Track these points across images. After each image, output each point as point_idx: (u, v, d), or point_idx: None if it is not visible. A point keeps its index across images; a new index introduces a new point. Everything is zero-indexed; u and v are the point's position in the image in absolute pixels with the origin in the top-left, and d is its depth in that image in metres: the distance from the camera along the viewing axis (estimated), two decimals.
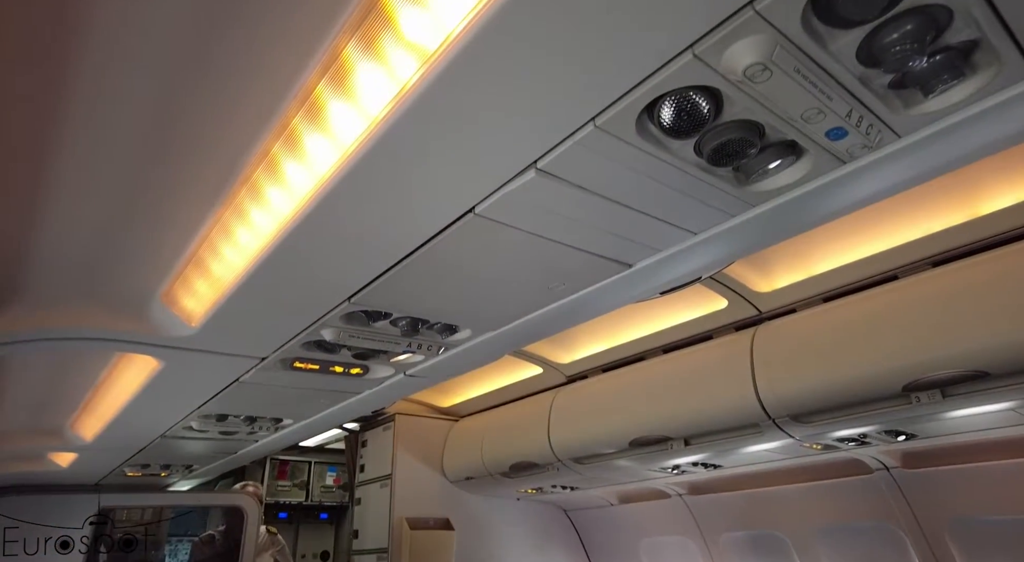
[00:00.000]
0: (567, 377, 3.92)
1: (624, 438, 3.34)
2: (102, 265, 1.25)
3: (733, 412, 2.89)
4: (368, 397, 2.03)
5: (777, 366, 2.74)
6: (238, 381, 1.77)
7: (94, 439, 2.33)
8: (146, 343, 1.44)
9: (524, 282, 1.27)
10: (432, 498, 4.34)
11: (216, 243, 1.17)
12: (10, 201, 1.04)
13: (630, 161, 0.87)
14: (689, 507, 4.22)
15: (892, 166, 0.91)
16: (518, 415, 4.10)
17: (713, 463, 3.54)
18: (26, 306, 1.28)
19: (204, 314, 1.34)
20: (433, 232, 1.06)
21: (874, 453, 3.18)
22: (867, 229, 2.56)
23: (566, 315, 1.44)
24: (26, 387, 1.94)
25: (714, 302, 3.09)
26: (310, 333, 1.45)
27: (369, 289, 1.26)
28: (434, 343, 1.59)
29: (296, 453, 5.66)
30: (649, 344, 3.45)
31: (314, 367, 1.72)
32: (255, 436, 2.47)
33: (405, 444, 4.38)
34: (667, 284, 1.33)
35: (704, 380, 3.04)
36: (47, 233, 1.13)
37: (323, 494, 5.79)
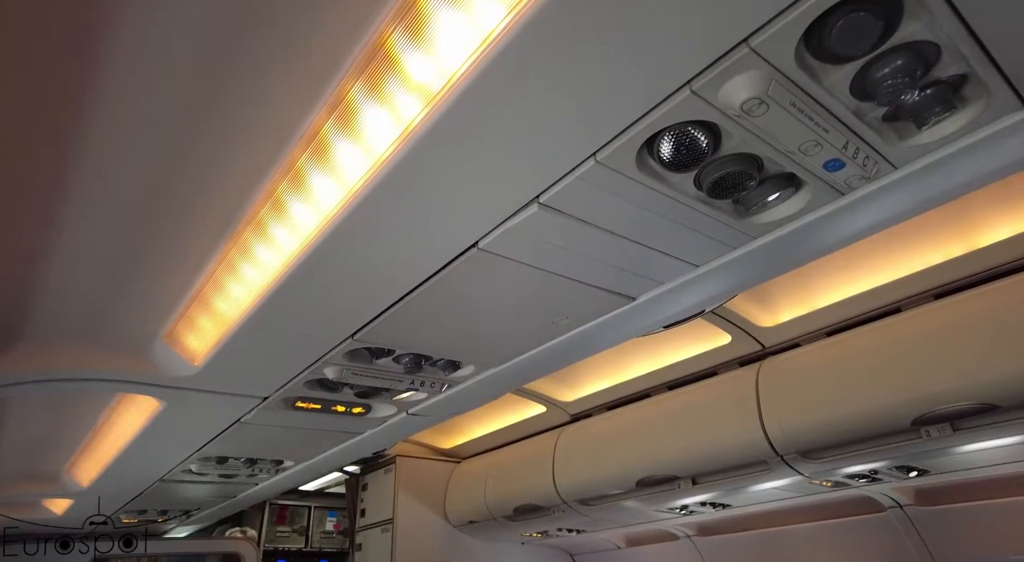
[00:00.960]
0: (571, 416, 3.87)
1: (630, 478, 3.27)
2: (104, 305, 1.25)
3: (740, 449, 2.84)
4: (370, 437, 2.00)
5: (783, 401, 2.70)
6: (240, 421, 1.75)
7: (91, 484, 2.28)
8: (148, 383, 1.43)
9: (527, 316, 1.27)
10: (434, 543, 4.23)
11: (221, 282, 1.18)
12: (14, 241, 1.05)
13: (631, 195, 0.89)
14: (698, 548, 4.10)
15: (890, 197, 0.92)
16: (522, 456, 4.03)
17: (722, 502, 3.46)
18: (28, 346, 1.27)
19: (207, 353, 1.33)
20: (437, 267, 1.06)
21: (886, 490, 3.11)
22: (868, 262, 2.57)
23: (570, 350, 1.44)
24: (23, 431, 1.91)
25: (717, 337, 3.08)
26: (313, 371, 1.44)
27: (373, 326, 1.26)
28: (437, 380, 1.58)
29: (295, 498, 5.53)
30: (653, 381, 3.41)
31: (316, 406, 1.70)
32: (255, 479, 2.43)
33: (407, 487, 4.29)
34: (670, 317, 1.33)
35: (710, 417, 3.00)
36: (50, 274, 1.13)
37: (323, 540, 5.63)
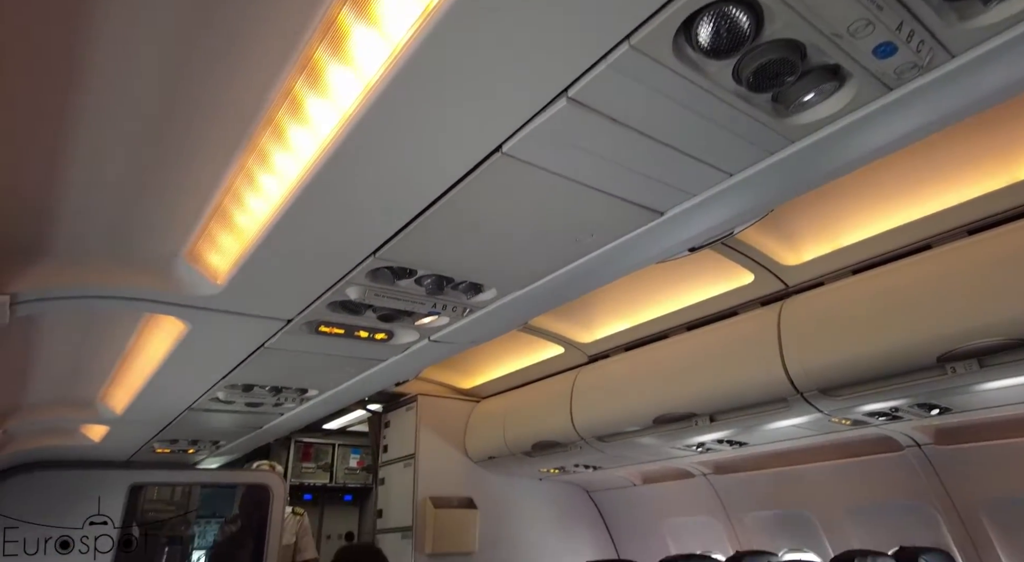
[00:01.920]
0: (589, 356, 3.90)
1: (648, 416, 3.31)
2: (125, 223, 1.25)
3: (760, 387, 2.85)
4: (393, 364, 2.02)
5: (806, 340, 2.68)
6: (264, 346, 1.77)
7: (124, 411, 2.36)
8: (172, 303, 1.44)
9: (551, 234, 1.24)
10: (455, 478, 4.36)
11: (239, 194, 1.16)
12: (32, 154, 1.04)
13: (666, 88, 0.84)
14: (714, 487, 4.18)
15: (943, 91, 0.86)
16: (540, 395, 4.09)
17: (739, 440, 3.49)
18: (53, 264, 1.28)
19: (229, 271, 1.33)
20: (458, 175, 1.03)
21: (905, 429, 3.11)
22: (898, 198, 2.49)
23: (593, 272, 1.41)
24: (56, 357, 1.96)
25: (739, 277, 3.04)
26: (336, 292, 1.44)
27: (394, 242, 1.24)
28: (459, 304, 1.57)
29: (320, 436, 5.73)
30: (672, 322, 3.41)
31: (339, 331, 1.71)
32: (280, 408, 2.49)
33: (428, 424, 4.40)
34: (699, 236, 1.29)
35: (730, 356, 3.00)
36: (70, 187, 1.12)
37: (347, 476, 5.86)
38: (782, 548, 3.83)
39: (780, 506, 3.91)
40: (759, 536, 3.97)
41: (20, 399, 2.24)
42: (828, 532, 3.60)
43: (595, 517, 4.99)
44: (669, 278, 3.18)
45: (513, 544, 4.43)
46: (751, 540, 3.98)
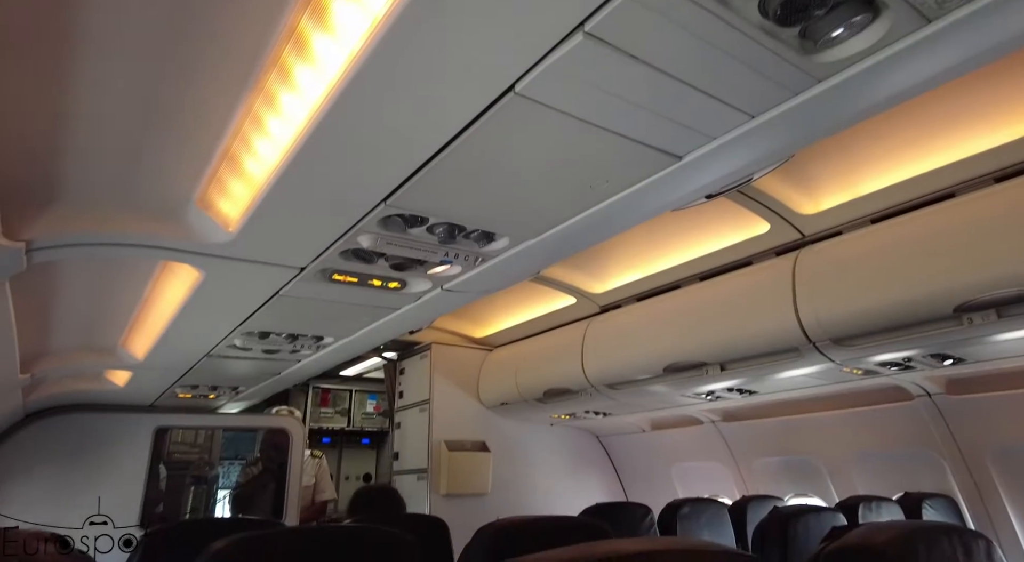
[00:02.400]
0: (600, 307, 3.91)
1: (658, 364, 3.34)
2: (135, 168, 1.24)
3: (772, 337, 2.85)
4: (406, 313, 2.04)
5: (820, 290, 2.66)
6: (278, 294, 1.79)
7: (145, 357, 2.42)
8: (185, 250, 1.45)
9: (564, 180, 1.21)
10: (469, 423, 4.47)
11: (247, 138, 1.14)
12: (37, 98, 1.02)
13: (688, 21, 0.80)
14: (722, 433, 4.26)
15: (986, 22, 0.81)
16: (551, 344, 4.13)
17: (748, 389, 3.53)
18: (66, 209, 1.28)
19: (240, 219, 1.33)
20: (470, 118, 1.00)
21: (917, 379, 3.12)
22: (922, 144, 2.41)
23: (608, 220, 1.39)
24: (77, 304, 2.00)
25: (755, 226, 2.99)
26: (348, 240, 1.44)
27: (405, 189, 1.22)
28: (471, 253, 1.56)
29: (337, 382, 5.88)
30: (685, 272, 3.38)
31: (352, 280, 1.72)
32: (298, 355, 2.53)
33: (442, 372, 4.48)
34: (717, 182, 1.25)
35: (743, 305, 2.99)
36: (76, 131, 1.11)
37: (364, 420, 6.04)
38: (788, 492, 3.92)
39: (787, 453, 3.98)
40: (766, 481, 4.06)
41: (45, 345, 2.30)
42: (834, 478, 3.68)
43: (605, 461, 5.13)
44: (683, 228, 3.14)
45: (525, 486, 4.58)
46: (758, 485, 4.07)
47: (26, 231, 1.24)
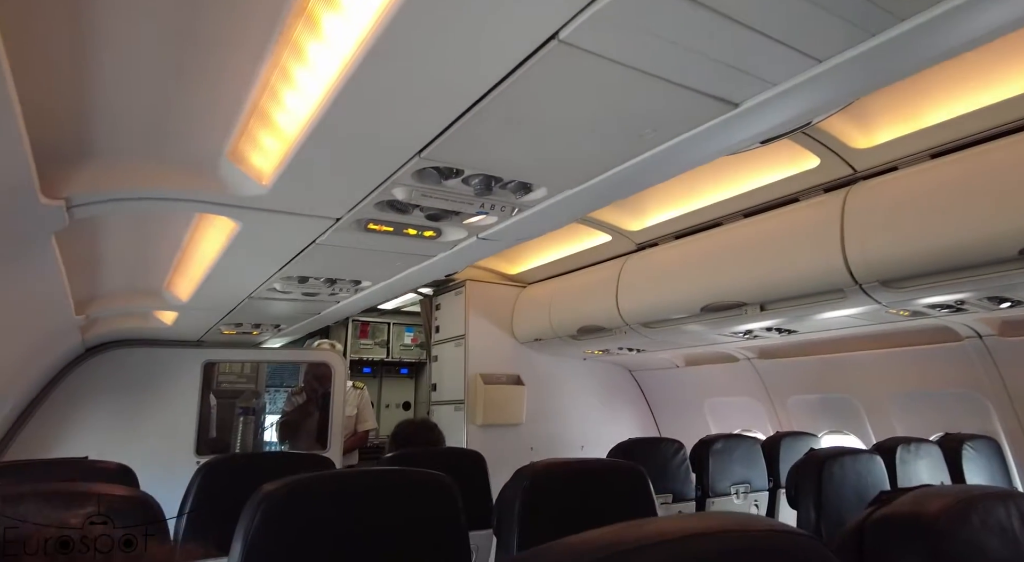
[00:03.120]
0: (637, 244, 3.83)
1: (696, 304, 3.29)
2: (166, 120, 1.21)
3: (816, 277, 2.76)
4: (441, 260, 2.02)
5: (871, 229, 2.53)
6: (315, 243, 1.78)
7: (189, 299, 2.49)
8: (220, 203, 1.44)
9: (610, 129, 1.13)
10: (503, 357, 4.55)
11: (276, 91, 1.09)
12: (66, 52, 0.99)
13: None
14: (757, 370, 4.24)
15: None
16: (586, 282, 4.11)
17: (787, 328, 3.47)
18: (103, 165, 1.27)
19: (273, 172, 1.30)
20: (510, 67, 0.93)
21: (968, 321, 3.01)
22: (991, 73, 2.19)
23: (652, 169, 1.31)
24: (122, 252, 2.04)
25: (803, 161, 2.83)
26: (382, 192, 1.40)
27: (440, 141, 1.16)
28: (507, 204, 1.51)
29: (375, 315, 6.03)
30: (727, 209, 3.26)
31: (388, 229, 1.69)
32: (336, 297, 2.57)
33: (476, 308, 4.52)
34: (773, 129, 1.16)
35: (786, 244, 2.88)
36: (106, 84, 1.08)
37: (402, 351, 6.23)
38: (822, 429, 3.93)
39: (823, 390, 3.96)
40: (800, 418, 4.07)
41: (96, 289, 2.37)
42: (871, 417, 3.66)
43: (637, 395, 5.20)
44: (726, 164, 3.00)
45: (559, 418, 4.70)
46: (792, 422, 4.09)
47: (65, 189, 1.24)
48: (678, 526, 0.70)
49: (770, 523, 0.76)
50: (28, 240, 1.36)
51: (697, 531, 0.69)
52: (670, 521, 0.73)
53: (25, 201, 1.14)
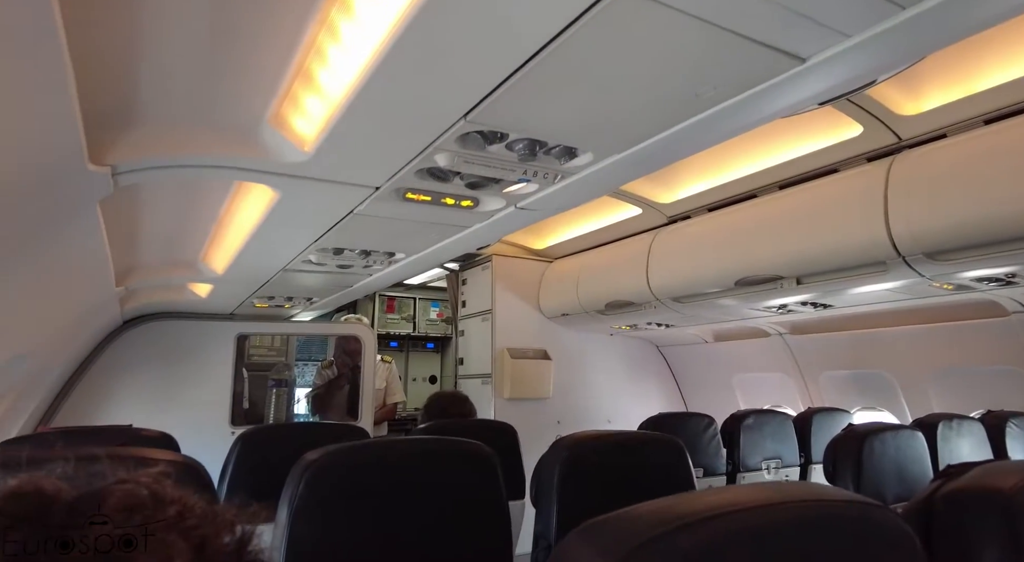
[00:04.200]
0: (668, 217, 3.76)
1: (729, 278, 3.22)
2: (208, 84, 1.19)
3: (857, 250, 2.68)
4: (477, 231, 2.00)
5: (917, 199, 2.44)
6: (353, 213, 1.77)
7: (224, 272, 2.51)
8: (262, 171, 1.43)
9: (666, 88, 1.09)
10: (530, 331, 4.55)
11: (322, 50, 1.06)
12: (116, 26, 0.97)
13: None
14: (789, 346, 4.18)
15: None
16: (615, 256, 4.05)
17: (823, 303, 3.40)
18: (147, 133, 1.27)
19: (316, 138, 1.28)
20: (566, 22, 0.89)
21: (1016, 295, 2.91)
22: None
23: (704, 131, 1.26)
24: (160, 222, 2.05)
25: (845, 129, 2.73)
26: (424, 159, 1.37)
27: (487, 103, 1.13)
28: (551, 170, 1.47)
29: (402, 290, 6.07)
30: (762, 181, 3.17)
31: (426, 199, 1.67)
32: (369, 269, 2.57)
33: (503, 283, 4.51)
34: (837, 87, 1.10)
35: (825, 216, 2.80)
36: (149, 50, 1.06)
37: (428, 326, 6.28)
38: (855, 406, 3.87)
39: (857, 366, 3.89)
40: (832, 394, 4.01)
41: (135, 260, 2.40)
42: (907, 393, 3.59)
43: (664, 371, 5.17)
44: (762, 134, 2.90)
45: (585, 392, 4.70)
46: (823, 398, 4.03)
47: (110, 156, 1.24)
48: (754, 495, 0.68)
49: (846, 494, 0.74)
50: (75, 208, 1.37)
51: (774, 500, 0.67)
52: (744, 490, 0.71)
53: (73, 167, 1.14)
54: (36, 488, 0.43)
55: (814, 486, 0.73)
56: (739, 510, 0.65)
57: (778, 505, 0.67)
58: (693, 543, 0.60)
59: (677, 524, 0.61)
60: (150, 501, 0.46)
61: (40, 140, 0.98)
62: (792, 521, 0.67)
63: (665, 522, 0.61)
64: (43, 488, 0.43)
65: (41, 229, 1.33)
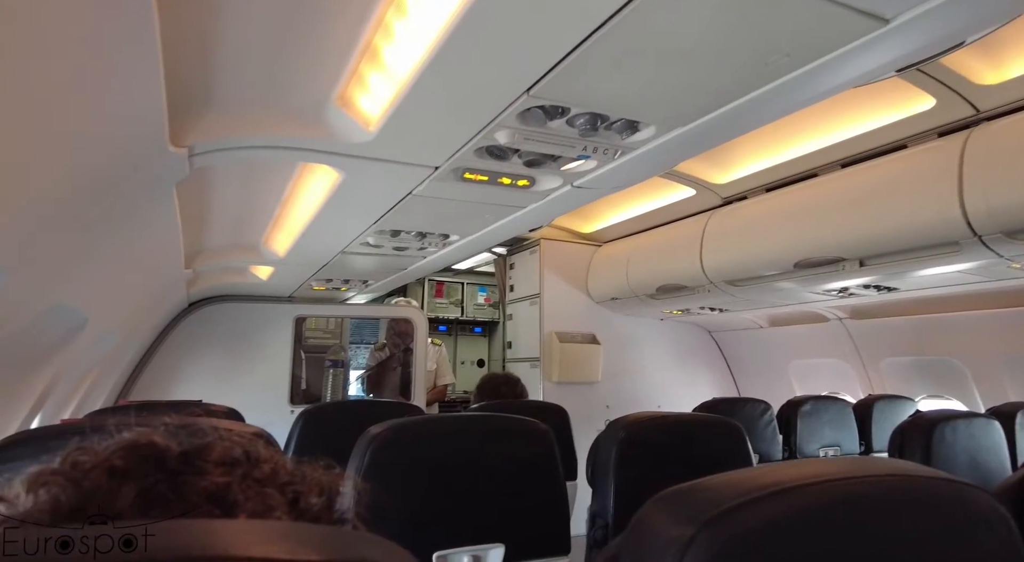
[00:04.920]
0: (723, 198, 3.66)
1: (787, 260, 3.13)
2: (278, 68, 1.22)
3: (927, 229, 2.55)
4: (532, 211, 2.00)
5: (996, 175, 2.30)
6: (411, 194, 1.79)
7: (285, 254, 2.59)
8: (327, 151, 1.46)
9: (734, 54, 1.05)
10: (578, 316, 4.53)
11: (390, 27, 1.08)
12: (196, 10, 1.00)
13: None
14: (849, 331, 4.03)
15: None
16: (666, 239, 3.98)
17: (887, 285, 3.25)
18: (219, 114, 1.31)
19: (380, 117, 1.30)
20: None
21: None
22: None
23: (774, 101, 1.22)
24: (226, 205, 2.13)
25: (915, 102, 2.59)
26: (485, 136, 1.38)
27: (551, 77, 1.12)
28: (611, 146, 1.46)
29: (450, 275, 6.14)
30: (823, 159, 3.05)
31: (483, 179, 1.68)
32: (424, 252, 2.61)
33: (551, 267, 4.50)
34: (920, 50, 1.04)
35: (892, 194, 2.67)
36: (224, 32, 1.09)
37: (476, 311, 6.35)
38: (920, 394, 3.71)
39: (923, 353, 3.72)
40: (895, 382, 3.86)
41: (202, 243, 2.51)
42: (979, 382, 3.42)
43: (717, 357, 5.08)
44: (824, 109, 2.78)
45: (634, 377, 4.66)
46: (885, 385, 3.88)
47: (187, 138, 1.29)
48: (837, 468, 0.67)
49: (935, 471, 0.71)
50: (155, 190, 1.44)
51: (858, 474, 0.66)
52: (827, 463, 0.69)
53: (156, 149, 1.19)
54: (149, 441, 0.47)
55: (901, 463, 0.71)
56: (824, 481, 0.64)
57: (863, 479, 0.65)
58: (780, 511, 0.59)
59: (762, 492, 0.60)
60: (245, 458, 0.49)
61: (130, 123, 1.03)
62: (877, 496, 0.65)
63: (749, 490, 0.61)
64: (155, 441, 0.47)
65: (126, 211, 1.41)
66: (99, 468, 0.44)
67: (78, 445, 0.47)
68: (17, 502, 0.43)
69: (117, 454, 0.45)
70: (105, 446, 0.46)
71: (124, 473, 0.44)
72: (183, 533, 0.30)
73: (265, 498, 0.48)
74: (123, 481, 0.44)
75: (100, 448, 0.46)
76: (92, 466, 0.44)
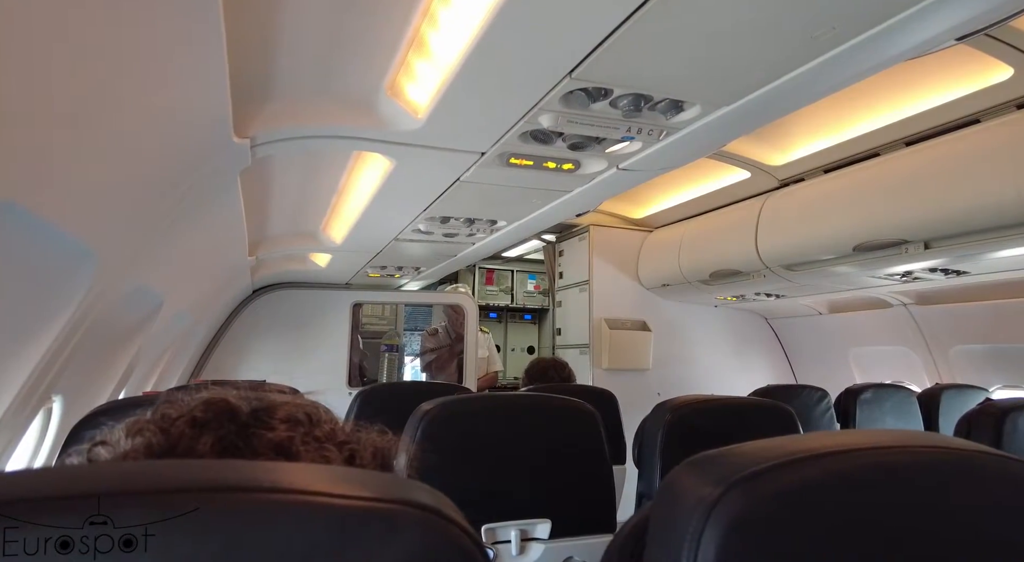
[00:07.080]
0: (780, 181, 3.55)
1: (847, 243, 3.01)
2: (333, 58, 1.28)
3: (999, 209, 2.41)
4: (577, 195, 2.01)
5: None
6: (459, 180, 1.84)
7: (342, 241, 2.70)
8: (379, 140, 1.52)
9: (781, 30, 1.04)
10: (629, 302, 4.51)
11: (435, 16, 1.12)
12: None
13: None
14: (914, 318, 3.85)
15: None
16: (720, 223, 3.90)
17: (955, 269, 3.09)
18: (278, 105, 1.39)
19: (428, 105, 1.35)
20: None
21: None
22: None
23: (821, 78, 1.19)
24: (286, 194, 2.25)
25: (989, 73, 2.44)
26: (528, 121, 1.41)
27: (592, 58, 1.14)
28: (656, 126, 1.46)
29: (500, 262, 6.21)
30: (885, 137, 2.91)
31: (528, 163, 1.71)
32: (472, 238, 2.67)
33: (600, 253, 4.49)
34: (982, 16, 1.00)
35: (962, 173, 2.53)
36: (284, 28, 1.16)
37: (525, 298, 6.40)
38: (994, 384, 3.52)
39: (996, 340, 3.52)
40: (964, 370, 3.67)
41: (265, 231, 2.65)
42: None
43: (773, 344, 4.95)
44: (885, 84, 2.66)
45: (686, 364, 4.61)
46: (954, 374, 3.70)
47: (250, 128, 1.38)
48: (877, 438, 0.67)
49: (978, 445, 0.69)
50: (220, 179, 1.54)
51: (898, 444, 0.65)
52: (867, 433, 0.69)
53: (222, 140, 1.28)
54: (223, 399, 0.54)
55: (941, 436, 0.70)
56: (865, 448, 0.63)
57: (911, 448, 0.64)
58: (810, 475, 0.59)
59: (792, 457, 0.61)
60: (307, 419, 0.56)
61: (198, 115, 1.12)
62: (911, 466, 0.64)
63: (781, 456, 0.61)
64: (228, 399, 0.54)
65: (196, 200, 1.51)
66: (183, 419, 0.51)
67: (166, 399, 0.54)
68: (118, 445, 0.51)
69: (198, 408, 0.52)
70: (187, 402, 0.53)
71: (203, 424, 0.51)
72: (252, 468, 0.35)
73: (324, 452, 0.54)
74: (203, 431, 0.51)
75: (184, 403, 0.53)
76: (177, 416, 0.52)
